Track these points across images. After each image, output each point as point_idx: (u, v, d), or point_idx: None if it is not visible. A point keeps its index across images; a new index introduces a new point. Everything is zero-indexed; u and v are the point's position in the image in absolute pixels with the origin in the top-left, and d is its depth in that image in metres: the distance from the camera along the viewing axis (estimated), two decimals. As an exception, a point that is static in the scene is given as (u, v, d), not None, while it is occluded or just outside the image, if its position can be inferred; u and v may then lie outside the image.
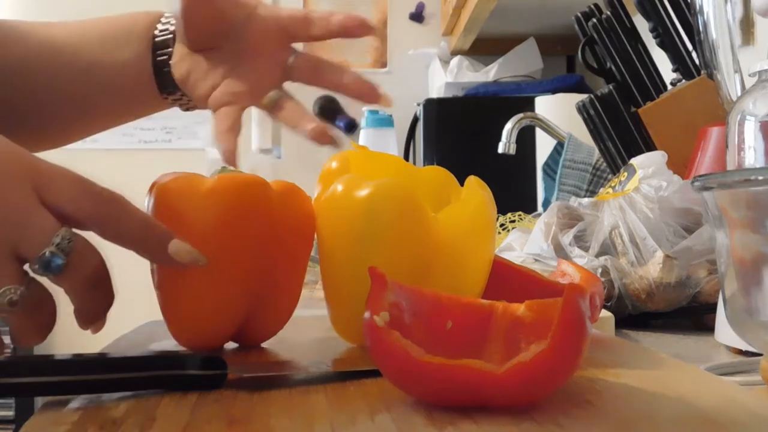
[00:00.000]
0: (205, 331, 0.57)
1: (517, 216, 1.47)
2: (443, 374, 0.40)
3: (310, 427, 0.39)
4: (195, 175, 0.57)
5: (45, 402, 0.44)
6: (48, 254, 0.48)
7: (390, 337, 0.41)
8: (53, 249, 0.48)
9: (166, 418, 0.40)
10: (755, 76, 0.74)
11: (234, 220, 0.55)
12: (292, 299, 0.61)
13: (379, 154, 0.63)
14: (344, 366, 0.52)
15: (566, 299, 0.40)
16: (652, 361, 0.52)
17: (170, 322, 0.57)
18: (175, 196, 0.55)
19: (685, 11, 1.23)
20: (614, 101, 1.30)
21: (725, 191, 0.53)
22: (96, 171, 2.27)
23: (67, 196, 0.49)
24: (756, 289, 0.53)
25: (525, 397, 0.41)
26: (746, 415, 0.40)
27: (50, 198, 0.49)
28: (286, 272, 0.58)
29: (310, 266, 0.64)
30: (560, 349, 0.39)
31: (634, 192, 0.92)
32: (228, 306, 0.56)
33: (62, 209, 0.49)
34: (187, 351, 0.57)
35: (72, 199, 0.49)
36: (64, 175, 0.50)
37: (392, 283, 0.45)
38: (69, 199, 0.49)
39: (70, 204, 0.49)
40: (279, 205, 0.57)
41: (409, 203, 0.54)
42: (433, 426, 0.38)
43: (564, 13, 1.83)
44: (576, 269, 0.66)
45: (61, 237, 0.48)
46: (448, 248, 0.55)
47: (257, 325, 0.59)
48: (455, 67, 2.48)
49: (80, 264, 0.49)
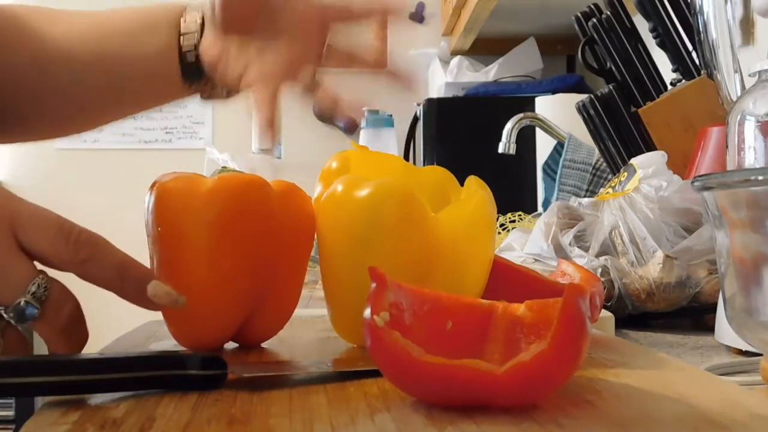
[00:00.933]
0: (205, 331, 0.57)
1: (517, 216, 1.47)
2: (443, 374, 0.40)
3: (310, 427, 0.39)
4: (195, 175, 0.57)
5: (45, 402, 0.44)
6: (23, 303, 0.48)
7: (390, 337, 0.41)
8: (28, 298, 0.48)
9: (166, 418, 0.40)
10: (755, 76, 0.74)
11: (234, 220, 0.55)
12: (292, 299, 0.61)
13: (379, 154, 0.63)
14: (344, 366, 0.52)
15: (566, 299, 0.40)
16: (652, 361, 0.52)
17: (170, 322, 0.57)
18: (175, 196, 0.55)
19: (685, 11, 1.23)
20: (614, 101, 1.30)
21: (725, 191, 0.53)
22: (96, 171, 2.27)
23: (45, 241, 0.49)
24: (756, 289, 0.53)
25: (525, 397, 0.41)
26: (746, 415, 0.40)
27: (28, 241, 0.49)
28: (286, 272, 0.58)
29: (310, 266, 0.64)
30: (560, 349, 0.39)
31: (634, 192, 0.92)
32: (228, 306, 0.56)
33: (40, 253, 0.49)
34: (187, 351, 0.57)
35: (50, 244, 0.49)
36: (43, 218, 0.50)
37: (392, 283, 0.45)
38: (47, 244, 0.49)
39: (48, 248, 0.49)
40: (279, 205, 0.57)
41: (409, 203, 0.54)
42: (433, 426, 0.38)
43: (564, 13, 1.83)
44: (576, 269, 0.66)
45: (37, 285, 0.48)
46: (448, 248, 0.55)
47: (257, 325, 0.59)
48: (455, 67, 2.48)
49: (55, 311, 0.49)
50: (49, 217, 0.50)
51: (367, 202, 0.54)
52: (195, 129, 3.73)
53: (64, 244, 0.49)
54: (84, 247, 0.50)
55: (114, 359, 0.46)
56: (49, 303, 0.49)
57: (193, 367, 0.46)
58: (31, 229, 0.49)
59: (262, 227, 0.56)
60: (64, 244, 0.49)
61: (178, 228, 0.55)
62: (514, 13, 2.41)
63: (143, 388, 0.45)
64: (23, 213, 0.49)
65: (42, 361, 0.44)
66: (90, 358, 0.45)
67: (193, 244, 0.55)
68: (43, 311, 0.48)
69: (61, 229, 0.50)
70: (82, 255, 0.50)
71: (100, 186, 3.13)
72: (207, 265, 0.55)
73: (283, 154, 2.72)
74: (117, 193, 3.03)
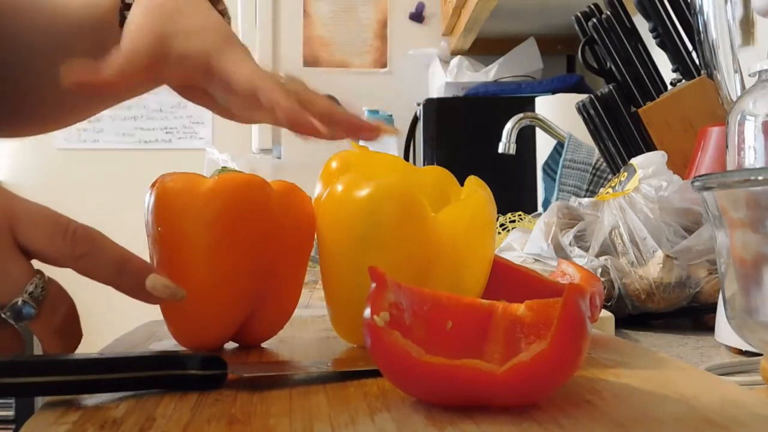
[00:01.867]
0: (206, 331, 0.57)
1: (517, 216, 1.47)
2: (443, 374, 0.40)
3: (310, 427, 0.39)
4: (195, 175, 0.57)
5: (45, 402, 0.44)
6: (20, 303, 0.48)
7: (390, 337, 0.41)
8: (26, 297, 0.48)
9: (166, 418, 0.40)
10: (755, 76, 0.74)
11: (234, 220, 0.55)
12: (292, 299, 0.61)
13: (379, 154, 0.63)
14: (344, 366, 0.52)
15: (566, 299, 0.40)
16: (652, 361, 0.52)
17: (170, 321, 0.57)
18: (176, 196, 0.55)
19: (685, 11, 1.23)
20: (614, 101, 1.30)
21: (725, 191, 0.53)
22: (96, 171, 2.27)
23: (42, 237, 0.49)
24: (756, 289, 0.53)
25: (525, 397, 0.41)
26: (746, 415, 0.40)
27: (25, 238, 0.49)
28: (286, 272, 0.58)
29: (310, 266, 0.64)
30: (560, 349, 0.39)
31: (634, 192, 0.92)
32: (229, 305, 0.56)
33: (38, 249, 0.49)
34: (187, 351, 0.57)
35: (47, 239, 0.49)
36: (40, 214, 0.50)
37: (392, 283, 0.45)
38: (44, 240, 0.49)
39: (46, 244, 0.49)
40: (279, 205, 0.57)
41: (409, 203, 0.54)
42: (433, 426, 0.38)
43: (564, 13, 1.83)
44: (576, 269, 0.66)
45: (35, 285, 0.48)
46: (448, 248, 0.55)
47: (257, 325, 0.59)
48: (455, 67, 2.48)
49: (51, 311, 0.49)
50: (46, 213, 0.50)
51: (367, 202, 0.54)
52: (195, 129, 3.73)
53: (61, 239, 0.49)
54: (81, 242, 0.50)
55: (114, 359, 0.46)
56: (45, 302, 0.49)
57: (193, 367, 0.46)
58: (28, 225, 0.49)
59: (262, 227, 0.56)
60: (62, 240, 0.49)
61: (179, 228, 0.55)
62: (514, 13, 2.41)
63: (143, 388, 0.45)
64: (20, 210, 0.49)
65: (42, 361, 0.44)
66: (90, 358, 0.45)
67: (193, 244, 0.55)
68: (39, 311, 0.48)
69: (58, 225, 0.50)
70: (80, 250, 0.50)
71: (100, 186, 3.13)
72: (207, 265, 0.55)
73: (283, 154, 2.72)
74: (117, 193, 3.03)
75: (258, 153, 2.79)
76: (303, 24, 2.79)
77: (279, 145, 2.71)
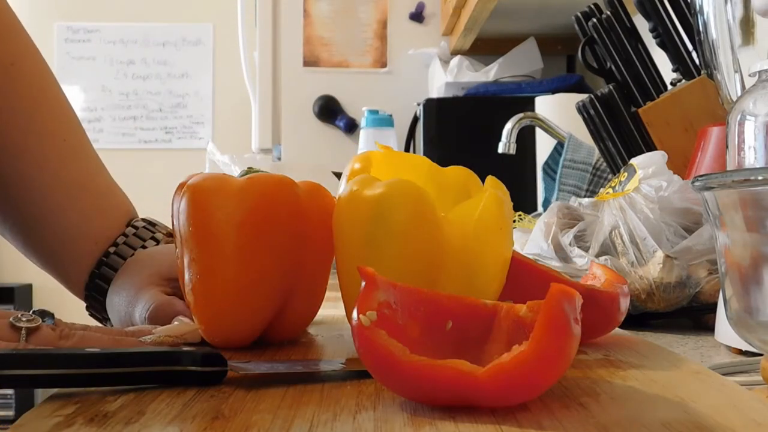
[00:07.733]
0: (235, 329, 0.58)
1: (517, 216, 1.47)
2: (426, 374, 0.40)
3: (290, 423, 0.39)
4: (224, 175, 0.58)
5: (46, 397, 0.44)
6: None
7: (375, 336, 0.41)
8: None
9: (155, 413, 0.41)
10: (755, 76, 0.74)
11: (265, 219, 0.56)
12: (319, 296, 0.62)
13: (403, 154, 0.63)
14: (357, 365, 0.52)
15: (547, 301, 0.39)
16: (669, 362, 0.52)
17: (201, 320, 0.58)
18: (207, 196, 0.56)
19: (685, 11, 1.23)
20: (614, 101, 1.30)
21: (725, 191, 0.53)
22: (96, 171, 2.19)
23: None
24: (756, 289, 0.53)
25: (507, 399, 0.40)
26: (739, 422, 0.39)
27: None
28: (313, 270, 0.59)
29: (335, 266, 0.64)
30: (540, 352, 0.39)
31: (634, 192, 0.92)
32: (258, 304, 0.57)
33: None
34: (188, 347, 0.57)
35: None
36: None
37: (384, 283, 0.45)
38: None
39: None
40: (306, 204, 0.58)
41: (418, 202, 0.54)
42: (412, 425, 0.38)
43: (564, 13, 1.83)
44: (604, 271, 0.66)
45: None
46: (458, 248, 0.54)
47: (284, 322, 0.60)
48: (455, 67, 2.48)
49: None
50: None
51: (376, 201, 0.54)
52: (195, 129, 3.73)
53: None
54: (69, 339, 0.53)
55: (115, 354, 0.47)
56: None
57: (192, 363, 0.46)
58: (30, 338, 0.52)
59: (291, 226, 0.57)
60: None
61: (210, 227, 0.55)
62: (514, 13, 2.41)
63: (144, 383, 0.46)
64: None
65: (44, 354, 0.45)
66: (92, 353, 0.45)
67: (224, 243, 0.55)
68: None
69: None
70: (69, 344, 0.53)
71: (100, 186, 3.12)
72: (237, 264, 0.56)
73: (282, 155, 2.71)
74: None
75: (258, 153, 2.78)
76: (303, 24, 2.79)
77: (279, 145, 2.71)
